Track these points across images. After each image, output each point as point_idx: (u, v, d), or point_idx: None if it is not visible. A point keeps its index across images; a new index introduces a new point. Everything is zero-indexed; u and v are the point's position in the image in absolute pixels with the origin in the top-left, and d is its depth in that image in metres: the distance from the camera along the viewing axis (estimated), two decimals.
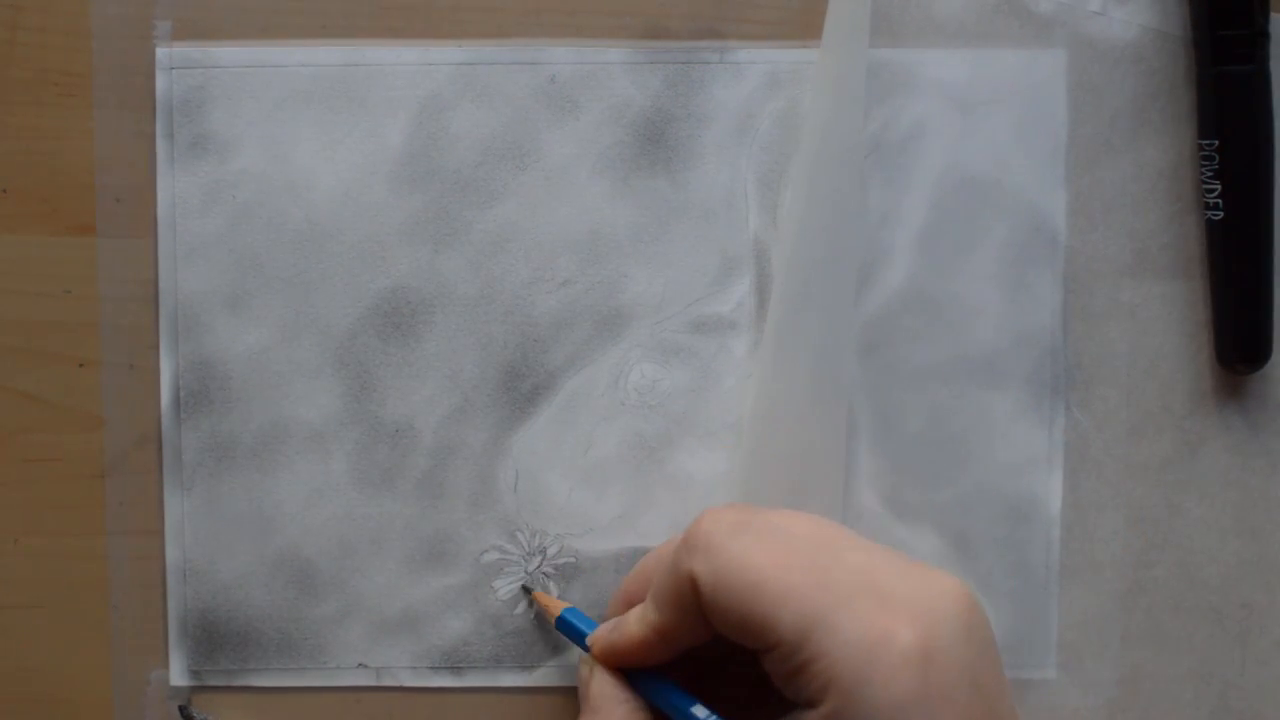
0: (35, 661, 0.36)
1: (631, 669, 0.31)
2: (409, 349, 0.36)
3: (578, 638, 0.33)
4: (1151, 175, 0.36)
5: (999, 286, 0.36)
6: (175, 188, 0.36)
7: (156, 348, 0.36)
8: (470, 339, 0.36)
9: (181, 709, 0.36)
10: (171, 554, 0.36)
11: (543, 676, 0.36)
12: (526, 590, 0.36)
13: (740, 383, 0.36)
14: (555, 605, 0.35)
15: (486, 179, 0.36)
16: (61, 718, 0.36)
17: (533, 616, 0.36)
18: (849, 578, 0.27)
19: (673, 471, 0.36)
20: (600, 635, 0.32)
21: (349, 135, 0.36)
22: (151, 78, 0.36)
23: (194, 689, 0.36)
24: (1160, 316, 0.36)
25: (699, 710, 0.30)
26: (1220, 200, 0.35)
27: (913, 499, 0.36)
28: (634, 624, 0.31)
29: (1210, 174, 0.35)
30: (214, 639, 0.36)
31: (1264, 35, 0.34)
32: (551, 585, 0.36)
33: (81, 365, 0.36)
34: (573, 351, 0.36)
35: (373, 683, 0.36)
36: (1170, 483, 0.36)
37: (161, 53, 0.36)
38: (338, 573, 0.36)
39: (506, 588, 0.36)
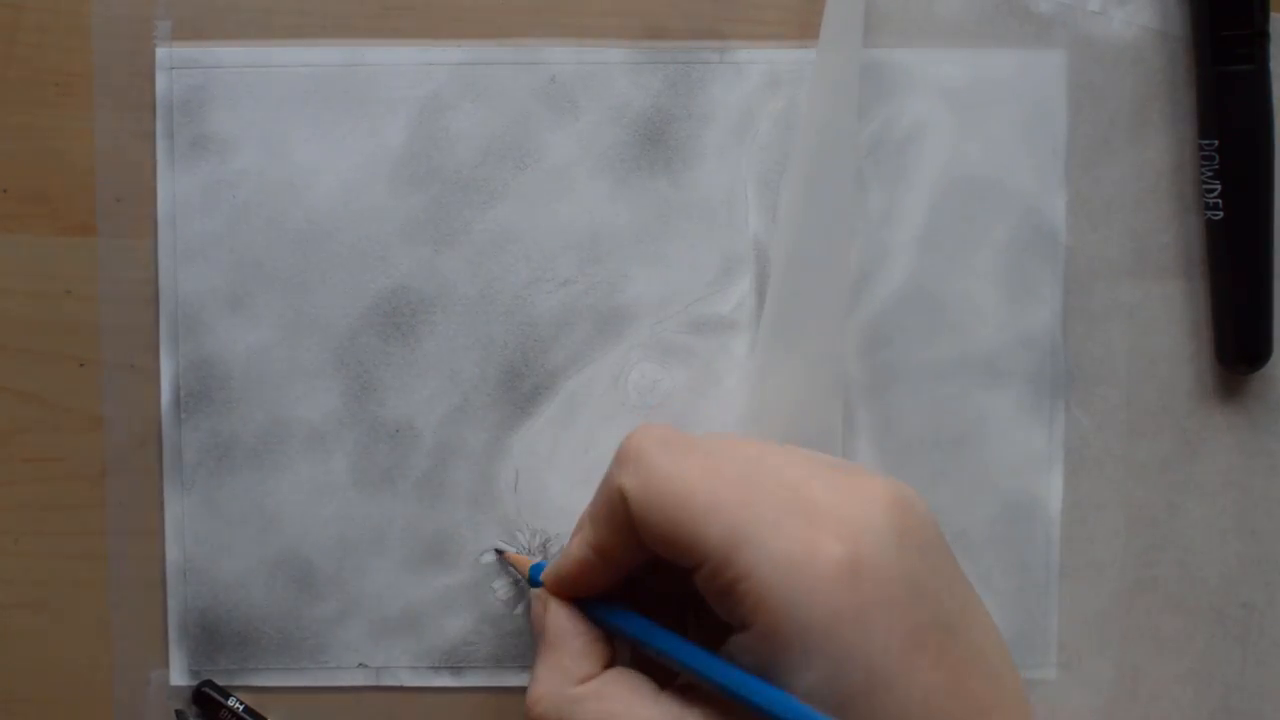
0: (35, 661, 0.36)
1: (585, 600, 0.31)
2: (409, 349, 0.36)
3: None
4: (1151, 175, 0.36)
5: (999, 286, 0.36)
6: (175, 188, 0.36)
7: (156, 348, 0.36)
8: (470, 339, 0.36)
9: (178, 713, 0.36)
10: (171, 554, 0.36)
11: None
12: (499, 552, 0.36)
13: (740, 383, 0.36)
14: (524, 561, 0.34)
15: (486, 179, 0.36)
16: (61, 718, 0.36)
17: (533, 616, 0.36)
18: (777, 494, 0.27)
19: None
20: (548, 567, 0.32)
21: (349, 135, 0.36)
22: (151, 78, 0.36)
23: (194, 689, 0.36)
24: (1160, 316, 0.36)
25: (659, 633, 0.29)
26: (1220, 200, 0.35)
27: None
28: (575, 547, 0.30)
29: (1210, 174, 0.35)
30: (214, 639, 0.36)
31: (1264, 35, 0.34)
32: None
33: (81, 365, 0.36)
34: (573, 351, 0.36)
35: (373, 683, 0.36)
36: (1170, 483, 0.36)
37: (161, 53, 0.36)
38: (338, 573, 0.36)
39: (506, 588, 0.36)
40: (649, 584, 0.31)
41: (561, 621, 0.30)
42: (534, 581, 0.33)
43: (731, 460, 0.28)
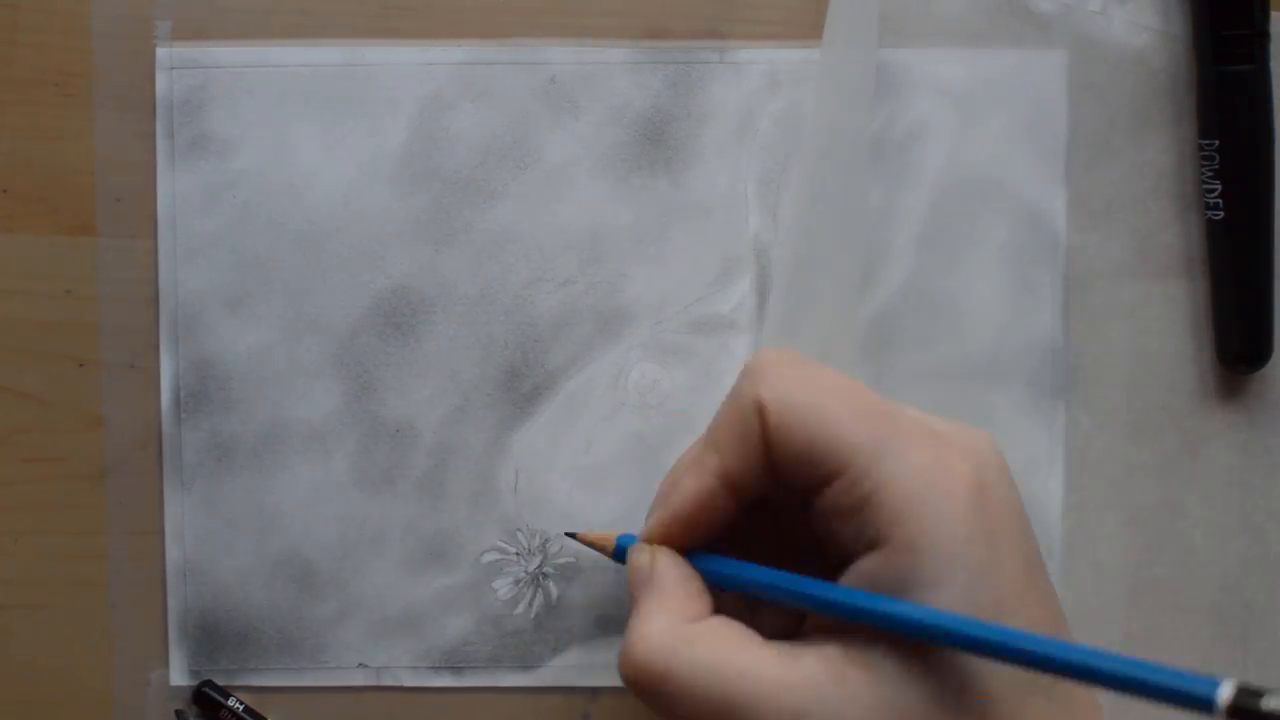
0: (35, 661, 0.36)
1: (690, 554, 0.30)
2: (409, 349, 0.36)
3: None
4: (1151, 175, 0.36)
5: (999, 286, 0.36)
6: (175, 188, 0.36)
7: (156, 348, 0.36)
8: (470, 339, 0.36)
9: (178, 714, 0.36)
10: (171, 554, 0.36)
11: (543, 676, 0.36)
12: (572, 535, 0.34)
13: None
14: (606, 538, 0.33)
15: (486, 179, 0.36)
16: (61, 718, 0.36)
17: (532, 616, 0.36)
18: (909, 415, 0.27)
19: None
20: (652, 517, 0.30)
21: (349, 135, 0.36)
22: (151, 78, 0.36)
23: (194, 689, 0.36)
24: (1160, 316, 0.36)
25: (773, 574, 0.28)
26: (1220, 200, 0.35)
27: None
28: (692, 481, 0.29)
29: (1210, 174, 0.35)
30: (214, 639, 0.36)
31: (1264, 35, 0.34)
32: (552, 585, 0.36)
33: (81, 365, 0.36)
34: (573, 351, 0.36)
35: (373, 683, 0.36)
36: (1171, 483, 0.36)
37: (161, 53, 0.36)
38: (338, 573, 0.36)
39: (507, 587, 0.36)
40: (747, 536, 0.30)
41: (671, 567, 0.29)
42: (619, 555, 0.32)
43: (853, 383, 0.28)
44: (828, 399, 0.27)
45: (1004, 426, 0.36)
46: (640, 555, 0.30)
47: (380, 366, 0.36)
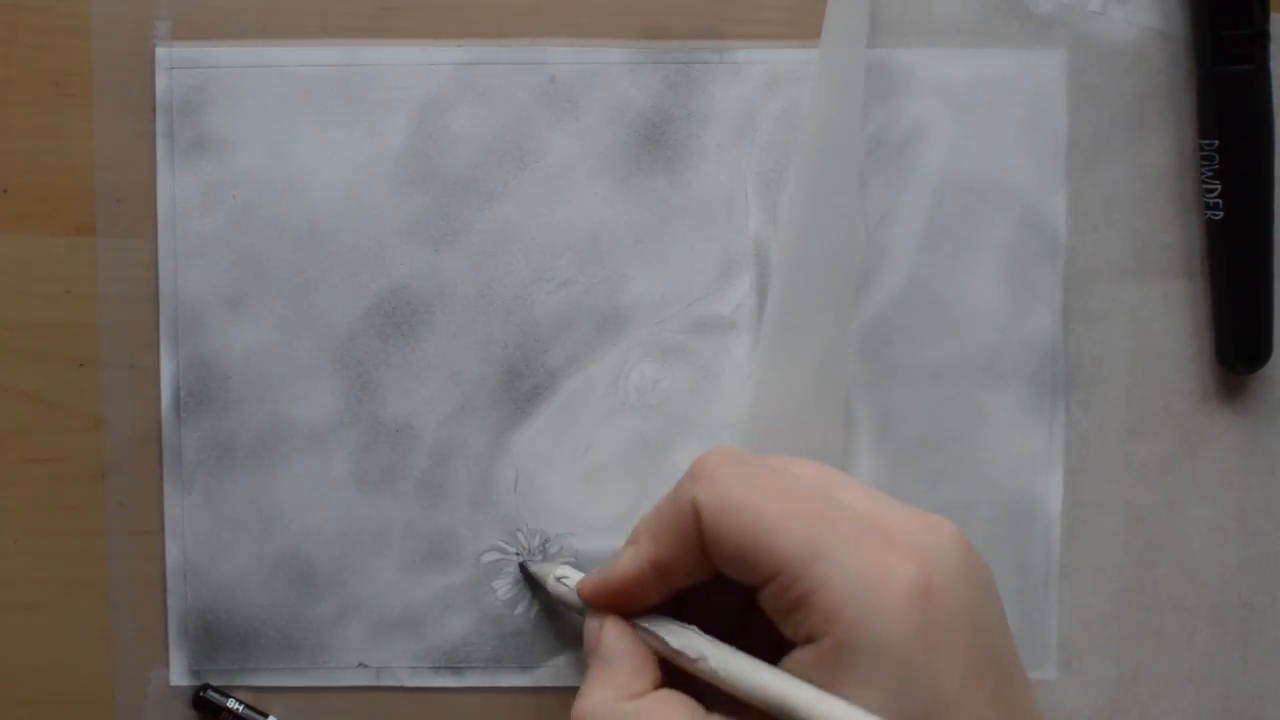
0: (35, 661, 0.36)
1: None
2: (409, 349, 0.36)
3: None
4: (1151, 175, 0.36)
5: (999, 286, 0.36)
6: (175, 188, 0.36)
7: (156, 348, 0.36)
8: (470, 339, 0.36)
9: (198, 693, 0.36)
10: (171, 554, 0.36)
11: (543, 676, 0.36)
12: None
13: (740, 382, 0.36)
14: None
15: (486, 179, 0.36)
16: (61, 718, 0.36)
17: (532, 616, 0.36)
18: (851, 514, 0.27)
19: (672, 471, 0.36)
20: (589, 578, 0.31)
21: (349, 135, 0.36)
22: (151, 78, 0.36)
23: (193, 688, 0.36)
24: (1160, 316, 0.36)
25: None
26: (1220, 200, 0.35)
27: (912, 498, 0.36)
28: (628, 562, 0.30)
29: (1210, 174, 0.35)
30: (214, 639, 0.36)
31: (1264, 35, 0.34)
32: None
33: (81, 365, 0.36)
34: (573, 351, 0.36)
35: (373, 683, 0.36)
36: (1170, 483, 0.36)
37: (161, 53, 0.36)
38: (338, 573, 0.36)
39: (507, 587, 0.36)
40: (692, 608, 0.31)
41: (617, 638, 0.30)
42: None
43: (804, 481, 0.28)
44: (764, 502, 0.27)
45: (1003, 426, 0.36)
46: (591, 623, 0.31)
47: (380, 366, 0.36)
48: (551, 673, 0.36)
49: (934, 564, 0.26)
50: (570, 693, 0.36)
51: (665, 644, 0.30)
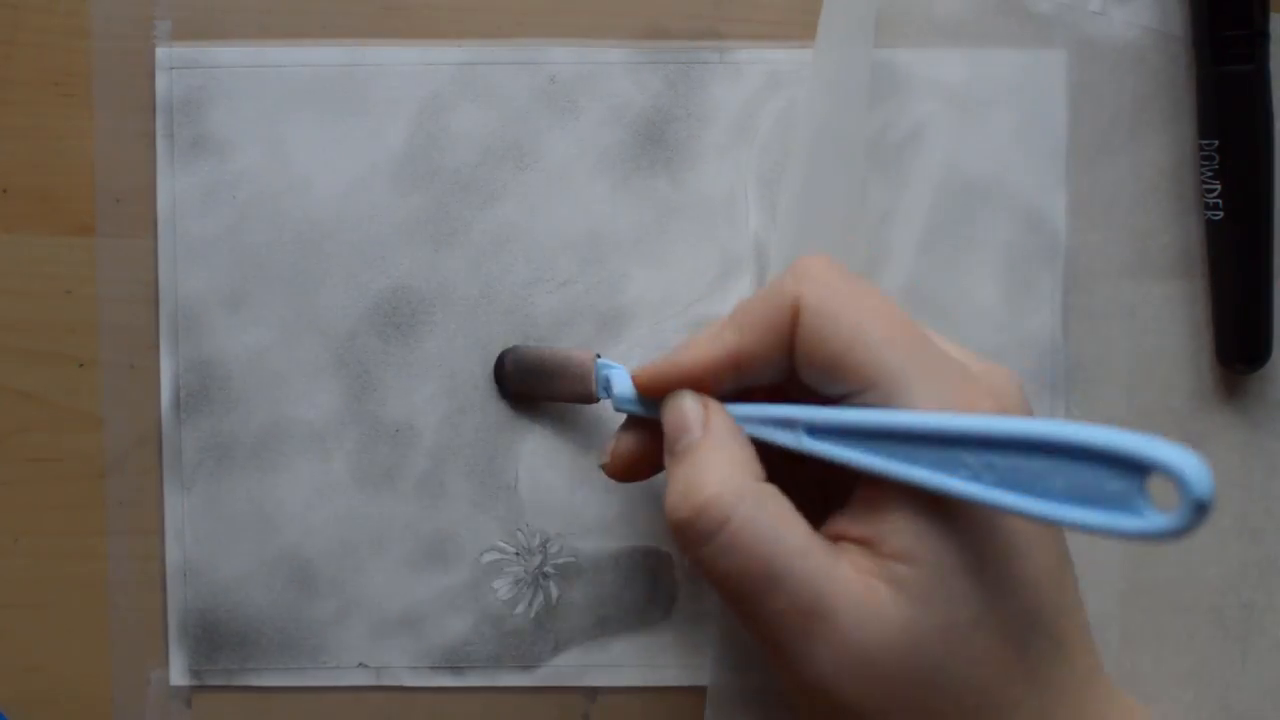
0: (35, 661, 0.36)
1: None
2: (409, 349, 0.36)
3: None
4: (1151, 175, 0.36)
5: (999, 286, 0.36)
6: (175, 188, 0.36)
7: (156, 348, 0.36)
8: (470, 339, 0.36)
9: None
10: (171, 554, 0.36)
11: (543, 676, 0.36)
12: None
13: None
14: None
15: (486, 179, 0.36)
16: (61, 718, 0.36)
17: (532, 616, 0.36)
18: (940, 346, 0.28)
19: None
20: (649, 365, 0.30)
21: (349, 135, 0.36)
22: (151, 78, 0.36)
23: (194, 689, 0.36)
24: (1160, 316, 0.36)
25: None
26: (1220, 200, 0.35)
27: None
28: (706, 345, 0.29)
29: (1210, 174, 0.35)
30: (214, 639, 0.36)
31: (1264, 35, 0.34)
32: (552, 585, 0.36)
33: (81, 365, 0.36)
34: None
35: (373, 683, 0.36)
36: None
37: (161, 53, 0.36)
38: (338, 573, 0.36)
39: (507, 587, 0.36)
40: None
41: (728, 421, 0.29)
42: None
43: (898, 308, 0.28)
44: (867, 317, 0.27)
45: None
46: (689, 401, 0.29)
47: (380, 366, 0.36)
48: (551, 673, 0.36)
49: (1007, 402, 0.27)
50: (571, 692, 0.36)
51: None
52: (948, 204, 0.36)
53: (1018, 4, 0.36)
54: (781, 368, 0.28)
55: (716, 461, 0.27)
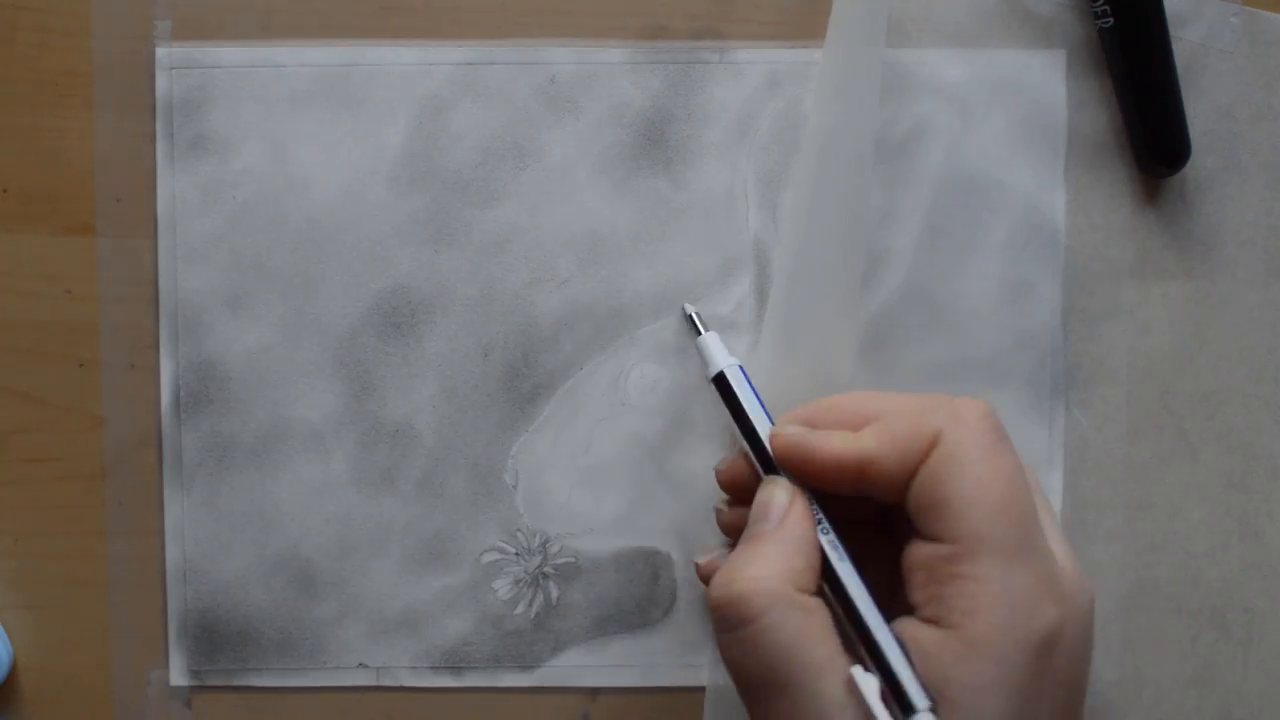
0: (35, 661, 0.36)
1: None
2: (409, 349, 0.36)
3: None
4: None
5: (999, 286, 0.36)
6: (175, 188, 0.36)
7: (156, 348, 0.36)
8: (470, 339, 0.36)
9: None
10: (171, 554, 0.36)
11: (542, 676, 0.36)
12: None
13: None
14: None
15: (486, 179, 0.36)
16: (61, 718, 0.36)
17: (532, 616, 0.36)
18: (1041, 536, 0.27)
19: (673, 471, 0.36)
20: (793, 430, 0.30)
21: (349, 135, 0.36)
22: (151, 78, 0.36)
23: (194, 689, 0.36)
24: (1160, 316, 0.36)
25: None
26: (1108, 7, 0.34)
27: None
28: (844, 445, 0.29)
29: None
30: (214, 639, 0.36)
31: None
32: (552, 585, 0.36)
33: (81, 365, 0.36)
34: (573, 351, 0.36)
35: (373, 683, 0.36)
36: (1170, 483, 0.36)
37: (161, 53, 0.36)
38: (338, 573, 0.36)
39: (507, 587, 0.36)
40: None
41: (802, 523, 0.29)
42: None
43: (1027, 480, 0.28)
44: (991, 477, 0.27)
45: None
46: (780, 493, 0.30)
47: (380, 366, 0.36)
48: (551, 673, 0.36)
49: (1070, 618, 0.27)
50: (570, 692, 0.36)
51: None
52: (948, 203, 0.36)
53: (1018, 4, 0.36)
54: (900, 490, 0.28)
55: (768, 559, 0.28)
